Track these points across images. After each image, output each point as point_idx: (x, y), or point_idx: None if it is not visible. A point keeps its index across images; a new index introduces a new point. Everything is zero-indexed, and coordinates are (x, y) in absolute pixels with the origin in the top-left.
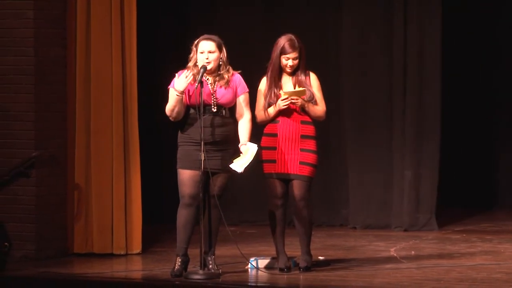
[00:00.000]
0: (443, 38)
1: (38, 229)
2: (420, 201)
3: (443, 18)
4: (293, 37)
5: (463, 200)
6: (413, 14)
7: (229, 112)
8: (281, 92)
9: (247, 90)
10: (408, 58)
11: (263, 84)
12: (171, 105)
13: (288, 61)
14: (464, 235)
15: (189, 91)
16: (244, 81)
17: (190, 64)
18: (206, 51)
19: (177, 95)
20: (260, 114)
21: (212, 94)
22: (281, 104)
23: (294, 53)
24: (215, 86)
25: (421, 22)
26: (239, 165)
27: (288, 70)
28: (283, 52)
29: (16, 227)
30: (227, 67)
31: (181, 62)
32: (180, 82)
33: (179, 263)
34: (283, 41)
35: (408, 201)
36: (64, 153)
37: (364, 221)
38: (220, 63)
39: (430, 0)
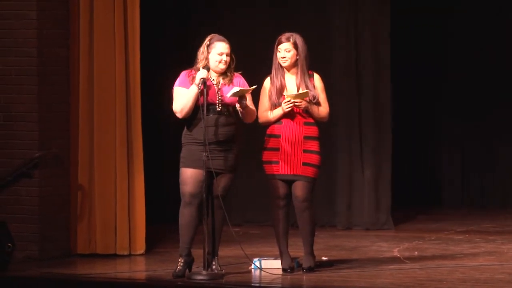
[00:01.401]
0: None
1: (41, 230)
2: (379, 201)
3: (392, 20)
4: (292, 33)
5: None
6: (365, 16)
7: (233, 112)
8: (284, 94)
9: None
10: (360, 61)
11: (267, 84)
12: (185, 100)
13: (281, 52)
14: (467, 235)
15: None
16: (246, 81)
17: (201, 64)
18: (224, 53)
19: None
20: (263, 115)
21: (217, 92)
22: (285, 107)
23: (287, 43)
24: (220, 85)
25: (373, 25)
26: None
27: (282, 62)
28: (278, 44)
29: (19, 228)
30: (232, 67)
31: (184, 62)
32: (199, 76)
33: (181, 264)
34: (280, 36)
35: (368, 201)
36: (67, 153)
37: (347, 221)
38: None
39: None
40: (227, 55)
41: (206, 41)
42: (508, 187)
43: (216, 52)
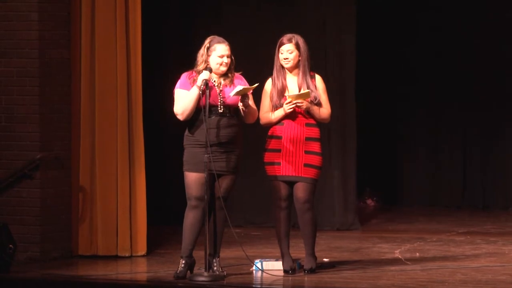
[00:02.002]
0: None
1: (43, 231)
2: (348, 201)
3: (358, 34)
4: (293, 34)
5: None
6: (331, 25)
7: (235, 113)
8: (286, 95)
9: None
10: (326, 61)
11: (268, 85)
12: (187, 102)
13: (284, 53)
14: (468, 237)
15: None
16: (248, 81)
17: (201, 67)
18: (225, 55)
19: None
20: (264, 116)
21: (219, 94)
22: (286, 108)
23: (289, 45)
24: (221, 86)
25: (339, 35)
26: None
27: (284, 63)
28: (280, 45)
29: (21, 229)
30: (232, 67)
31: (186, 63)
32: (201, 77)
33: (183, 265)
34: (282, 37)
35: (337, 201)
36: (69, 155)
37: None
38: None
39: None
40: (227, 57)
41: (206, 43)
42: (510, 188)
43: (216, 54)
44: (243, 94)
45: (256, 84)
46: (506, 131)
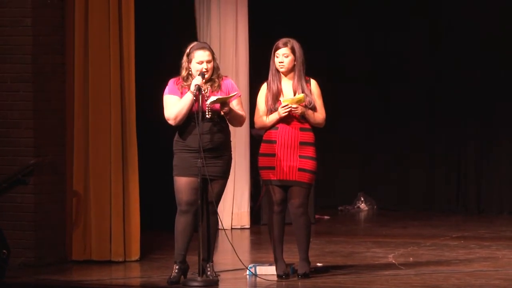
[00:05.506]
0: None
1: (37, 236)
2: None
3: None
4: (289, 38)
5: None
6: None
7: (224, 118)
8: (280, 99)
9: (240, 93)
10: None
11: (263, 90)
12: (180, 108)
13: (279, 57)
14: (462, 241)
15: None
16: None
17: (184, 73)
18: (204, 61)
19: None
20: (259, 120)
21: (206, 100)
22: (281, 112)
23: (285, 49)
24: (208, 92)
25: None
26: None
27: (280, 68)
28: (275, 49)
29: (14, 234)
30: (218, 72)
31: (178, 68)
32: (194, 83)
33: (176, 270)
34: (277, 41)
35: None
36: (63, 160)
37: None
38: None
39: None
40: (207, 62)
41: (187, 50)
42: (503, 193)
43: (195, 61)
44: (221, 102)
45: (233, 94)
46: (501, 135)
